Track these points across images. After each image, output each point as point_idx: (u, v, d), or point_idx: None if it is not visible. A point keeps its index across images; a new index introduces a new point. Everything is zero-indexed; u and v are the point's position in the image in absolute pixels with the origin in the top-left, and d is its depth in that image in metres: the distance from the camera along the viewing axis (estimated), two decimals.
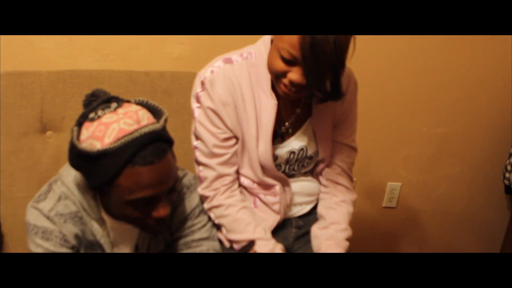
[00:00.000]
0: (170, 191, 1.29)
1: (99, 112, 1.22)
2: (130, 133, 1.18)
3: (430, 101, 2.48)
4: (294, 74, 1.30)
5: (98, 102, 1.24)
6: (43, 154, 1.85)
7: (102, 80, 1.89)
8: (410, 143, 2.54)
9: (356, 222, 2.29)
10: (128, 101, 1.28)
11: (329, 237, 1.55)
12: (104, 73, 1.90)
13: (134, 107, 1.25)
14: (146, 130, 1.19)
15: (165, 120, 1.27)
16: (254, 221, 1.51)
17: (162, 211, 1.27)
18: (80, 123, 1.23)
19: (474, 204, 2.76)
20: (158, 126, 1.22)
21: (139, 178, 1.19)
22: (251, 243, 1.33)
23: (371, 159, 2.52)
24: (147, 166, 1.19)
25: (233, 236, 1.51)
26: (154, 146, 1.20)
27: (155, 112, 1.30)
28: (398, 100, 2.44)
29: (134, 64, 2.02)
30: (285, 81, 1.33)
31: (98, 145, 1.18)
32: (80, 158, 1.21)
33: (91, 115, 1.22)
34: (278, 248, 1.49)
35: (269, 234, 1.52)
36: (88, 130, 1.21)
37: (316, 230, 1.60)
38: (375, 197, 2.63)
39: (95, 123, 1.20)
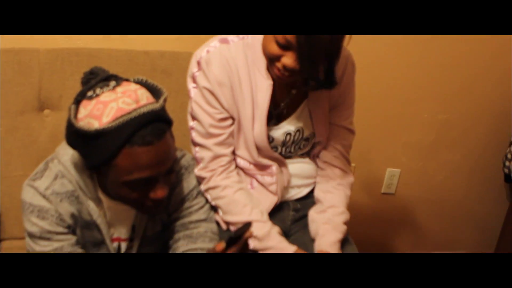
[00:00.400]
0: (169, 172, 1.27)
1: (98, 90, 1.19)
2: (129, 113, 1.16)
3: (431, 88, 2.46)
4: (288, 59, 1.29)
5: (96, 80, 1.21)
6: (41, 133, 1.84)
7: (101, 58, 1.87)
8: (410, 129, 2.52)
9: (354, 208, 2.28)
10: (127, 80, 1.26)
11: (327, 221, 1.54)
12: (103, 51, 1.88)
13: (133, 86, 1.23)
14: (145, 110, 1.17)
15: (165, 100, 1.25)
16: (250, 203, 1.50)
17: (159, 193, 1.25)
18: (78, 101, 1.21)
19: (474, 192, 2.75)
20: (157, 106, 1.20)
21: (137, 158, 1.17)
22: (248, 224, 1.31)
23: (371, 145, 2.50)
24: (145, 147, 1.17)
25: (229, 218, 1.50)
26: (153, 126, 1.18)
27: (154, 92, 1.28)
28: (399, 86, 2.42)
29: (134, 43, 1.99)
30: (279, 65, 1.32)
31: (96, 124, 1.16)
32: (77, 137, 1.19)
33: (89, 93, 1.20)
34: (275, 231, 1.48)
35: (265, 216, 1.51)
36: (86, 108, 1.19)
37: (313, 214, 1.59)
38: (374, 183, 2.62)
39: (93, 102, 1.18)
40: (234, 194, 1.49)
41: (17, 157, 1.81)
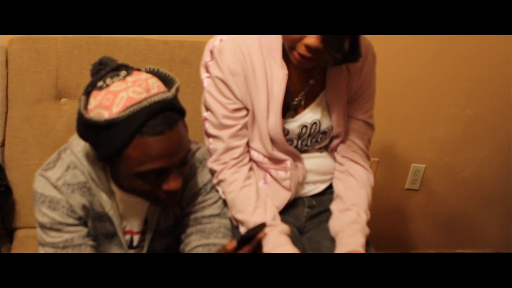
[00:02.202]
0: (182, 163, 1.23)
1: (108, 81, 1.17)
2: (139, 102, 1.13)
3: (459, 82, 2.38)
4: (310, 38, 1.23)
5: (106, 70, 1.19)
6: (57, 122, 1.83)
7: (119, 47, 1.86)
8: (436, 124, 2.45)
9: (377, 203, 2.22)
10: (139, 70, 1.23)
11: (354, 221, 1.48)
12: (121, 40, 1.86)
13: (144, 75, 1.19)
14: (155, 98, 1.14)
15: (177, 89, 1.21)
16: (256, 201, 1.45)
17: (173, 184, 1.22)
18: (88, 92, 1.19)
19: (500, 189, 2.67)
20: (168, 94, 1.17)
21: (148, 148, 1.14)
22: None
23: (395, 139, 2.44)
24: (156, 136, 1.13)
25: (234, 214, 1.46)
26: (164, 115, 1.14)
27: (166, 81, 1.24)
28: (425, 80, 2.35)
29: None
30: (300, 47, 1.27)
31: (106, 115, 1.13)
32: (87, 128, 1.17)
33: (99, 83, 1.17)
34: (275, 233, 1.42)
35: (269, 217, 1.44)
36: (96, 99, 1.16)
37: (337, 211, 1.53)
38: (398, 178, 2.56)
39: (103, 92, 1.15)
40: (240, 190, 1.45)
41: (33, 146, 1.80)
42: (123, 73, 1.17)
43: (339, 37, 1.22)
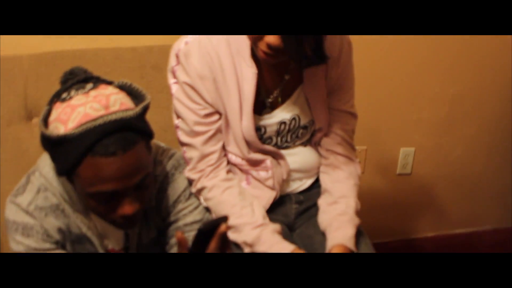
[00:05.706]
0: (138, 188, 1.16)
1: (72, 93, 1.12)
2: (94, 120, 1.07)
3: (440, 60, 2.34)
4: (271, 37, 1.19)
5: (73, 81, 1.13)
6: (31, 143, 1.77)
7: (87, 59, 1.80)
8: (421, 105, 2.41)
9: (369, 192, 2.18)
10: (110, 83, 1.17)
11: (342, 213, 1.45)
12: (88, 52, 1.81)
13: (109, 90, 1.13)
14: (112, 117, 1.08)
15: (144, 108, 1.15)
16: (240, 202, 1.40)
17: (127, 209, 1.15)
18: (51, 102, 1.14)
19: (493, 166, 2.64)
20: (129, 113, 1.11)
21: (98, 170, 1.08)
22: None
23: (381, 125, 2.40)
24: (108, 157, 1.07)
25: None
26: (121, 135, 1.08)
27: (137, 97, 1.18)
28: (406, 61, 2.31)
29: (121, 40, 1.90)
30: (262, 45, 1.22)
31: (62, 129, 1.08)
32: (44, 141, 1.12)
33: (64, 95, 1.12)
34: (267, 232, 1.38)
35: (257, 217, 1.40)
36: (56, 111, 1.11)
37: (324, 205, 1.49)
38: (388, 165, 2.51)
39: (64, 105, 1.10)
40: (222, 194, 1.40)
41: (6, 170, 1.73)
42: (89, 85, 1.12)
43: (298, 39, 1.16)
